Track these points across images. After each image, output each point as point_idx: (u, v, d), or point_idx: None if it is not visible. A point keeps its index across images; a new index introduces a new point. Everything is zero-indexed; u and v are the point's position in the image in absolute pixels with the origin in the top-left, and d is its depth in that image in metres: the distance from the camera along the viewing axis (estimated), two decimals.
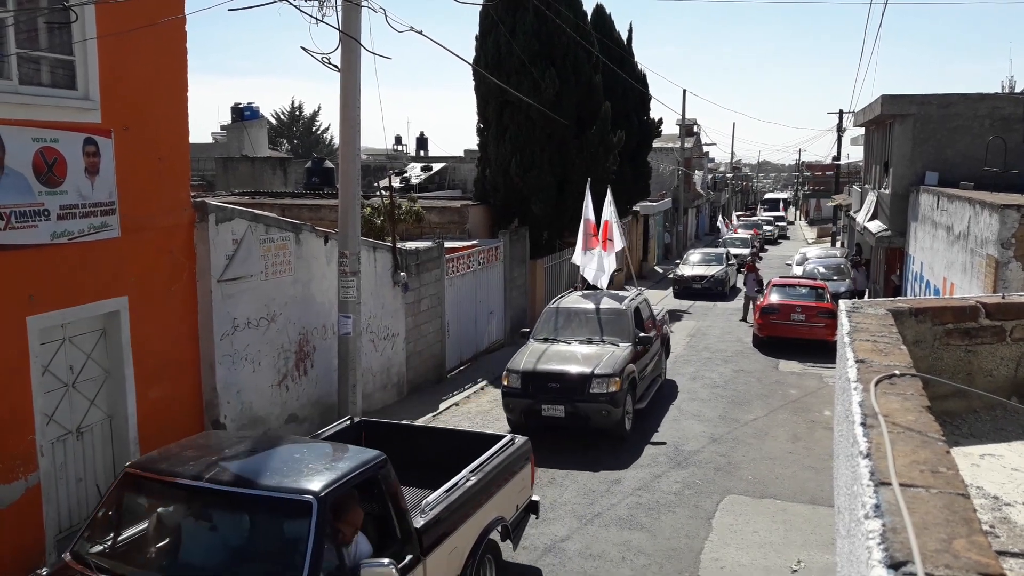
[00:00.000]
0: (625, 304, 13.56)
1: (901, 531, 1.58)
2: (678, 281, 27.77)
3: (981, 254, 12.58)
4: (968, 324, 3.65)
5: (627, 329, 12.90)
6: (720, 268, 27.85)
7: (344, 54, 10.26)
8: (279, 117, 57.33)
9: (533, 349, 12.55)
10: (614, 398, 11.39)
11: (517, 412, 11.75)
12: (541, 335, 13.18)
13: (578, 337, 12.92)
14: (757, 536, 8.85)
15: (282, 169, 30.63)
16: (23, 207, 7.25)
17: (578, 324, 13.27)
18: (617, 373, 11.55)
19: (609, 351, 12.25)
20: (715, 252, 30.30)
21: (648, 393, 13.41)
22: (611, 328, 12.97)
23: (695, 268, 28.29)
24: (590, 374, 11.48)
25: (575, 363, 11.87)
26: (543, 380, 11.65)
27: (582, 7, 20.55)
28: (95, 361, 8.38)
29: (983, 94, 20.19)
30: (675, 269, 29.56)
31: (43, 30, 7.73)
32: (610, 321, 13.12)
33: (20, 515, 7.36)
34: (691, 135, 45.36)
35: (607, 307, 13.47)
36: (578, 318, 13.39)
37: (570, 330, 13.16)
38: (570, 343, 12.75)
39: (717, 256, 29.42)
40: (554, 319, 13.50)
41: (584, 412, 11.39)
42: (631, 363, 12.15)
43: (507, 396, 11.87)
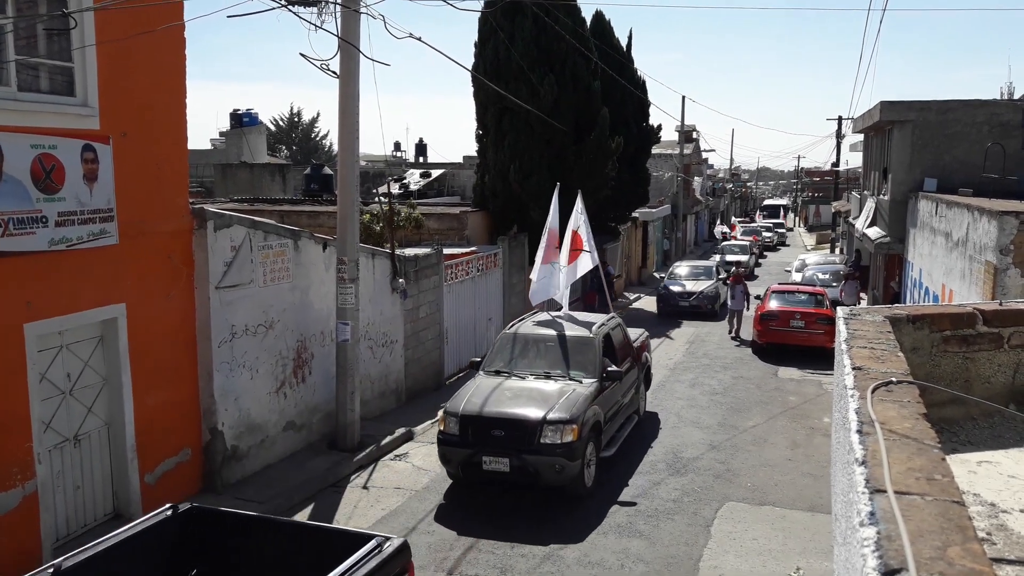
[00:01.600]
0: (593, 331, 11.69)
1: (896, 539, 1.57)
2: (663, 298, 24.71)
3: (980, 260, 12.58)
4: (966, 331, 3.64)
5: (593, 362, 11.05)
6: (710, 283, 25.05)
7: (343, 61, 10.28)
8: (278, 123, 57.45)
9: (480, 385, 10.64)
10: (570, 449, 9.52)
11: (455, 464, 9.91)
12: (493, 366, 11.27)
13: (536, 370, 11.06)
14: (756, 543, 8.83)
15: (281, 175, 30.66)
16: (21, 214, 7.25)
17: (537, 354, 11.47)
18: (575, 418, 9.67)
19: (569, 389, 10.33)
20: (704, 265, 27.43)
21: (619, 436, 11.59)
22: (576, 360, 11.13)
23: (682, 283, 25.37)
24: (541, 420, 9.61)
25: (526, 405, 9.99)
26: (485, 426, 9.74)
27: (581, 14, 20.61)
28: (93, 368, 8.37)
29: (982, 101, 20.25)
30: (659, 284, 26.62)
31: (42, 37, 7.74)
32: (575, 352, 11.28)
33: (17, 523, 7.34)
34: (690, 141, 45.43)
35: (572, 335, 11.60)
36: (537, 347, 11.59)
37: (527, 361, 11.33)
38: (525, 378, 10.86)
39: (706, 269, 26.53)
40: (510, 347, 11.66)
41: (533, 466, 9.51)
42: (595, 404, 10.32)
43: (443, 445, 9.97)
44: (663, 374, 16.81)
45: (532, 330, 11.94)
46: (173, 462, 9.28)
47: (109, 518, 8.63)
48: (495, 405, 10.00)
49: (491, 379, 10.85)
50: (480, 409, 9.92)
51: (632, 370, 12.58)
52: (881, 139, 23.82)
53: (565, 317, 12.56)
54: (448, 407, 10.17)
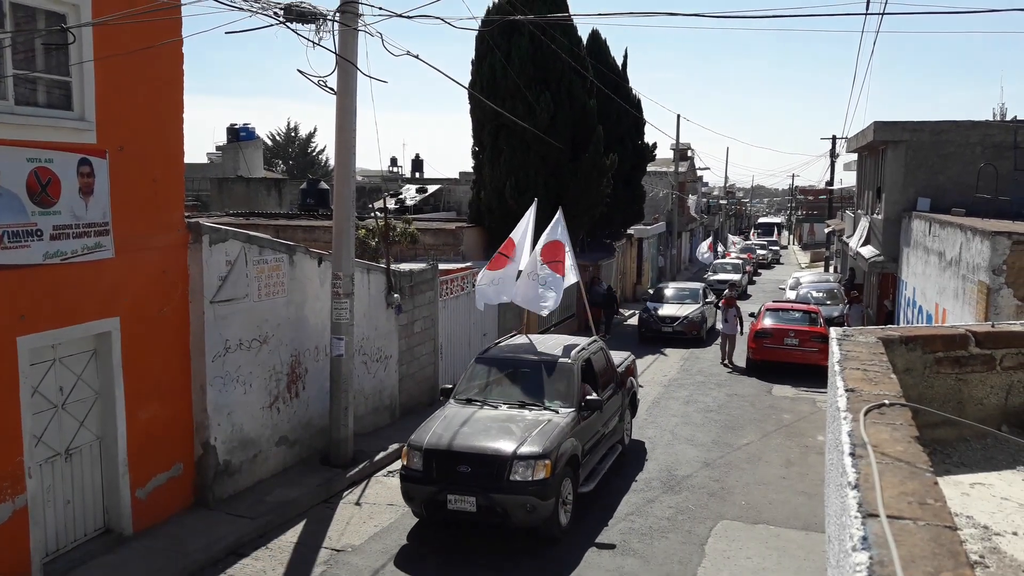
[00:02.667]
0: (572, 357, 10.92)
1: (888, 564, 1.57)
2: (644, 322, 23.03)
3: (973, 280, 12.64)
4: (958, 352, 3.66)
5: (571, 390, 10.33)
6: (695, 307, 23.36)
7: (340, 77, 10.33)
8: (275, 138, 57.57)
9: (449, 415, 9.95)
10: (543, 487, 8.80)
11: (418, 502, 9.23)
12: (465, 394, 10.61)
13: (510, 398, 10.41)
14: (750, 562, 8.80)
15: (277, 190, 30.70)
16: (16, 227, 7.24)
17: (512, 381, 10.81)
18: (548, 453, 8.96)
19: (544, 420, 9.65)
20: (690, 287, 25.49)
21: (600, 469, 10.82)
22: (552, 388, 10.48)
23: (665, 307, 23.54)
24: (510, 455, 8.90)
25: (495, 438, 9.30)
26: (451, 461, 9.06)
27: (577, 33, 20.75)
28: (85, 382, 8.33)
29: (975, 121, 20.39)
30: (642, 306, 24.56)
31: (40, 51, 7.77)
32: (552, 379, 10.61)
33: (6, 537, 7.28)
34: (685, 159, 45.63)
35: (549, 360, 10.89)
36: (512, 374, 10.93)
37: (501, 389, 10.71)
38: (498, 407, 10.17)
39: (692, 292, 24.67)
40: (483, 374, 10.99)
41: (501, 506, 8.81)
42: (572, 436, 9.63)
43: (406, 481, 9.28)
44: (657, 391, 16.80)
45: (507, 355, 11.29)
46: (165, 477, 9.23)
47: (100, 533, 8.57)
48: (462, 438, 9.29)
49: (461, 408, 10.16)
50: (445, 443, 9.24)
51: (615, 396, 11.88)
52: (875, 159, 23.96)
53: (543, 341, 11.89)
54: (412, 440, 9.47)
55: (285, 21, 9.25)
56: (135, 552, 8.43)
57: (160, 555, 8.41)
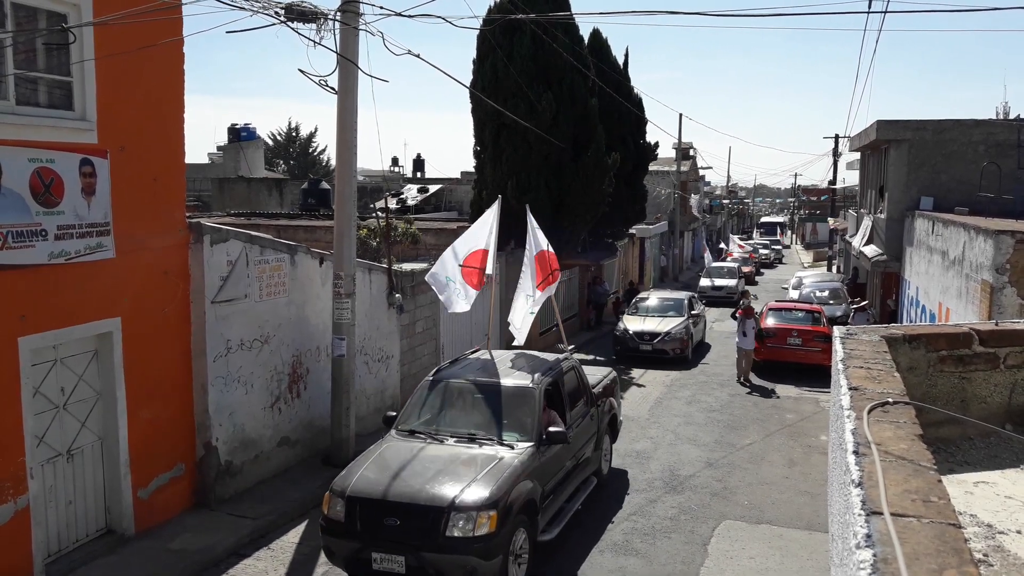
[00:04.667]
0: (535, 380, 9.37)
1: (892, 561, 1.56)
2: (619, 339, 20.05)
3: (976, 279, 12.61)
4: (962, 351, 3.64)
5: (531, 420, 8.83)
6: (679, 322, 20.16)
7: (342, 77, 10.32)
8: (276, 138, 57.57)
9: (384, 452, 8.54)
10: (486, 544, 7.36)
11: (340, 559, 7.86)
12: (408, 424, 9.15)
13: (460, 430, 8.95)
14: (753, 562, 8.78)
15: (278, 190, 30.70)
16: (20, 227, 7.24)
17: (463, 410, 9.35)
18: (493, 501, 7.46)
19: (495, 459, 8.17)
20: (674, 298, 22.11)
21: (568, 509, 9.33)
22: (510, 418, 8.96)
23: (643, 321, 20.40)
24: (447, 506, 7.42)
25: (433, 483, 7.76)
26: (378, 512, 7.61)
27: (579, 32, 20.71)
28: (87, 383, 8.33)
29: (978, 120, 20.36)
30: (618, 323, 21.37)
31: (41, 51, 7.76)
32: (510, 406, 9.08)
33: (8, 538, 7.27)
34: (687, 159, 45.61)
35: (509, 385, 9.32)
36: (464, 399, 9.46)
37: (451, 418, 9.24)
38: (444, 441, 8.72)
39: (676, 304, 21.40)
40: (432, 399, 9.47)
41: (435, 567, 7.43)
42: (528, 477, 8.15)
43: (326, 534, 7.90)
44: (660, 391, 16.78)
45: (461, 377, 9.66)
46: (167, 477, 9.22)
47: (101, 534, 8.57)
48: (393, 483, 7.81)
49: (401, 443, 8.72)
50: (373, 489, 7.77)
51: (589, 421, 10.42)
52: (878, 158, 23.92)
53: (507, 359, 10.34)
54: (335, 484, 8.03)
55: (286, 20, 9.23)
56: (137, 553, 8.43)
57: (162, 556, 8.40)
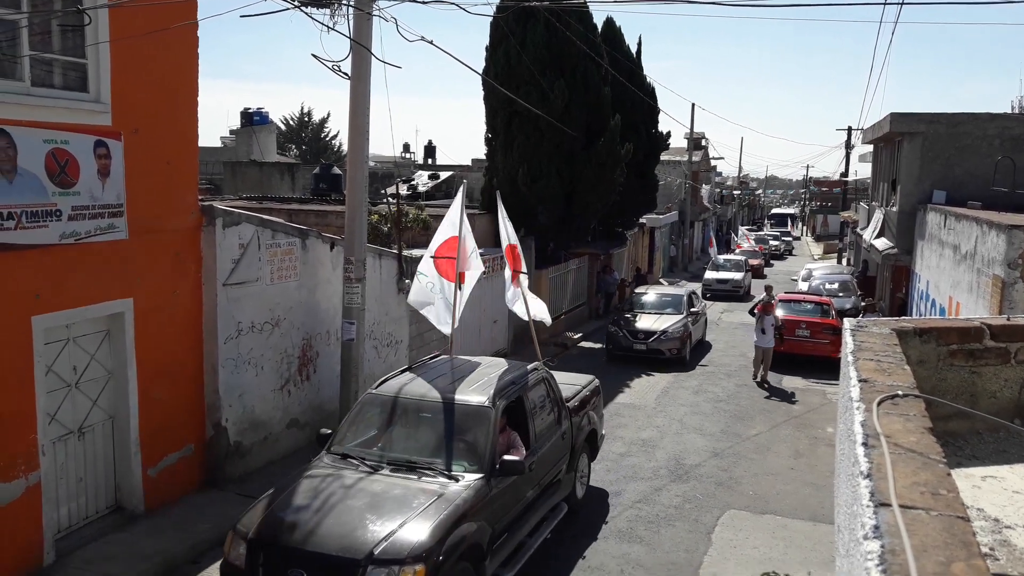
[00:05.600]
0: (493, 396, 8.01)
1: (900, 553, 1.57)
2: (612, 337, 18.82)
3: (988, 274, 12.55)
4: (973, 345, 3.64)
5: (483, 446, 7.56)
6: (677, 320, 18.87)
7: (354, 62, 10.30)
8: (288, 123, 57.55)
9: (307, 482, 7.25)
10: None
11: None
12: (342, 446, 7.88)
13: (401, 455, 7.68)
14: (757, 552, 8.82)
15: (290, 174, 30.72)
16: (36, 207, 7.29)
17: (406, 431, 8.12)
18: (423, 552, 6.24)
19: (435, 495, 6.89)
20: (672, 294, 20.74)
21: (529, 544, 8.11)
22: (460, 442, 7.76)
23: (638, 318, 19.16)
24: (363, 559, 6.20)
25: (353, 526, 6.50)
26: (281, 560, 6.44)
27: (592, 20, 20.62)
28: (98, 362, 8.40)
29: (992, 114, 20.20)
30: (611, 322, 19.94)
31: (56, 33, 7.79)
32: (461, 428, 7.85)
33: (20, 514, 7.36)
34: (699, 149, 45.43)
35: (462, 402, 7.99)
36: (408, 418, 8.19)
37: (393, 440, 8.03)
38: (380, 469, 7.39)
39: (675, 300, 20.03)
40: (373, 417, 8.31)
41: None
42: (475, 517, 6.87)
43: None
44: (667, 380, 16.79)
45: (407, 391, 8.28)
46: (176, 456, 9.31)
47: (111, 511, 8.67)
48: (304, 526, 6.56)
49: (326, 471, 7.42)
50: (279, 532, 6.58)
51: (561, 440, 9.15)
52: (890, 150, 23.77)
53: (467, 368, 9.04)
54: (241, 522, 6.82)
55: (300, 5, 9.23)
56: (146, 530, 8.51)
57: (170, 532, 8.49)
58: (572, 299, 22.99)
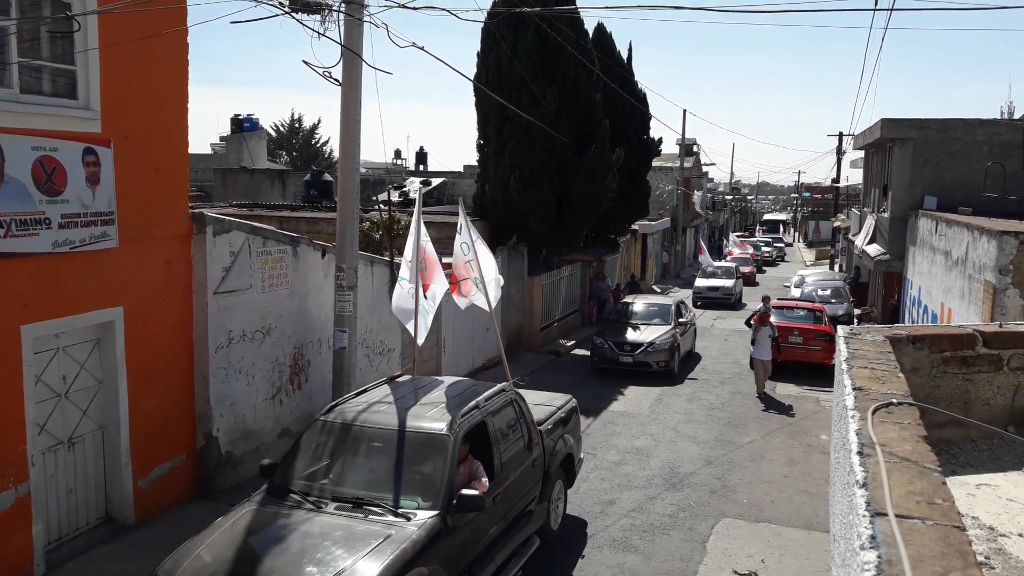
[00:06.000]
0: (452, 423, 7.27)
1: (897, 563, 1.55)
2: (598, 349, 18.09)
3: (979, 280, 12.59)
4: (966, 352, 3.63)
5: (438, 479, 6.84)
6: (665, 331, 18.14)
7: (345, 68, 10.29)
8: (278, 129, 57.50)
9: (240, 522, 6.60)
10: None
11: None
12: (285, 480, 7.24)
13: (347, 491, 6.91)
14: (752, 560, 8.79)
15: (280, 181, 30.67)
16: (24, 215, 7.24)
17: (356, 462, 7.37)
18: None
19: (379, 538, 6.19)
20: (659, 304, 20.11)
21: None
22: (413, 475, 7.03)
23: (624, 329, 18.48)
24: None
25: (291, 573, 5.86)
26: None
27: (583, 26, 20.67)
28: (88, 371, 8.34)
29: (982, 120, 20.33)
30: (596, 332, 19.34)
31: (45, 39, 7.75)
32: (415, 459, 7.13)
33: (9, 525, 7.29)
34: (691, 155, 45.54)
35: (417, 429, 7.26)
36: (359, 447, 7.44)
37: (339, 473, 7.23)
38: (323, 507, 6.66)
39: (661, 310, 19.33)
40: (321, 445, 7.54)
41: None
42: (427, 562, 6.22)
43: None
44: (661, 388, 16.77)
45: (360, 417, 7.58)
46: (167, 467, 9.24)
47: (102, 522, 8.59)
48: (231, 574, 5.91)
49: (263, 509, 6.77)
50: None
51: (532, 468, 8.40)
52: (882, 156, 23.88)
53: (429, 390, 8.38)
54: (163, 567, 6.19)
55: (290, 11, 9.21)
56: (137, 541, 8.44)
57: (161, 544, 8.41)
58: (565, 306, 23.00)
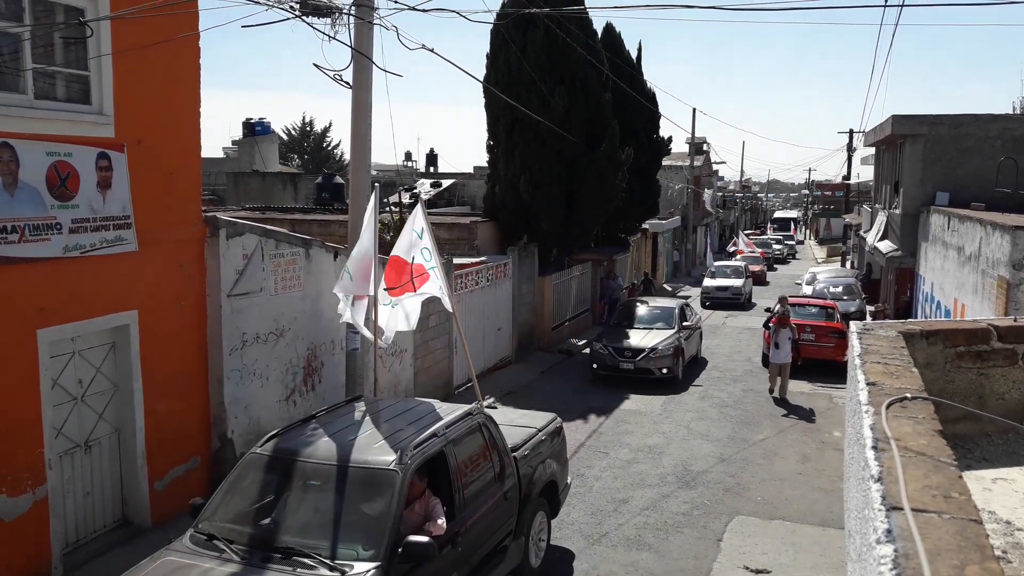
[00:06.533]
0: (404, 455, 6.25)
1: (913, 557, 1.56)
2: (598, 355, 17.04)
3: (992, 275, 12.52)
4: (980, 347, 3.62)
5: (383, 524, 5.90)
6: (668, 336, 17.24)
7: (356, 71, 10.33)
8: (290, 132, 57.73)
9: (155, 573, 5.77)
10: None
11: None
12: (213, 524, 6.25)
13: (275, 539, 6.01)
14: (766, 558, 8.77)
15: (292, 184, 30.80)
16: (36, 220, 7.30)
17: (292, 502, 6.38)
18: None
19: None
20: (663, 306, 19.03)
21: None
22: (353, 518, 6.14)
23: (625, 334, 17.56)
24: None
25: None
26: None
27: (592, 26, 20.68)
28: (104, 375, 8.40)
29: (994, 115, 20.21)
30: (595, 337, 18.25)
31: (59, 45, 7.82)
32: (356, 499, 6.19)
33: (27, 528, 7.36)
34: (700, 153, 45.45)
35: (361, 462, 6.27)
36: (296, 486, 6.45)
37: (273, 516, 6.26)
38: (249, 560, 5.76)
39: (665, 313, 18.39)
40: (253, 483, 6.61)
41: None
42: None
43: None
44: (666, 395, 16.75)
45: (300, 450, 6.55)
46: (183, 469, 9.30)
47: (118, 525, 8.65)
48: None
49: (186, 560, 5.86)
50: None
51: (504, 501, 7.42)
52: (893, 153, 23.77)
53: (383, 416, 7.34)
54: None
55: (301, 15, 9.26)
56: (153, 544, 8.47)
57: None
58: (576, 305, 22.99)
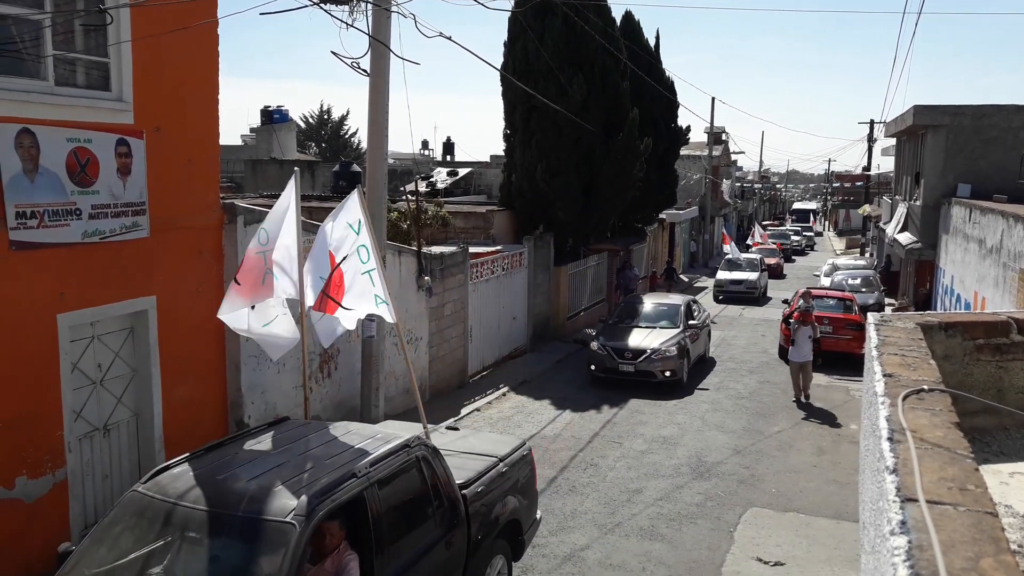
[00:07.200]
0: (293, 504, 4.99)
1: (927, 549, 1.55)
2: (597, 357, 15.91)
3: (1014, 268, 12.38)
4: (999, 339, 3.58)
5: None
6: (672, 335, 16.10)
7: (373, 59, 10.33)
8: (308, 120, 57.83)
9: None
10: None
11: None
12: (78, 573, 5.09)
13: None
14: (780, 550, 8.75)
15: (310, 172, 30.87)
16: (56, 206, 7.37)
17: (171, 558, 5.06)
18: None
19: None
20: (668, 303, 17.79)
21: None
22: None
23: (629, 335, 16.33)
24: None
25: None
26: None
27: (611, 14, 20.56)
28: (123, 359, 8.48)
29: (1018, 106, 19.92)
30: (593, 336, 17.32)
31: (79, 32, 7.86)
32: (245, 560, 5.04)
33: (47, 510, 7.46)
34: (719, 143, 45.14)
35: (254, 513, 5.01)
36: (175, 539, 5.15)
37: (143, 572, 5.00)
38: None
39: (669, 311, 17.20)
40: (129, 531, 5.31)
41: None
42: None
43: None
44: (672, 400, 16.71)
45: (185, 492, 5.29)
46: None
47: None
48: None
49: None
50: None
51: (445, 550, 6.18)
52: (914, 143, 23.51)
53: (295, 450, 5.99)
54: None
55: (319, 2, 9.26)
56: None
57: None
58: (592, 295, 22.95)
